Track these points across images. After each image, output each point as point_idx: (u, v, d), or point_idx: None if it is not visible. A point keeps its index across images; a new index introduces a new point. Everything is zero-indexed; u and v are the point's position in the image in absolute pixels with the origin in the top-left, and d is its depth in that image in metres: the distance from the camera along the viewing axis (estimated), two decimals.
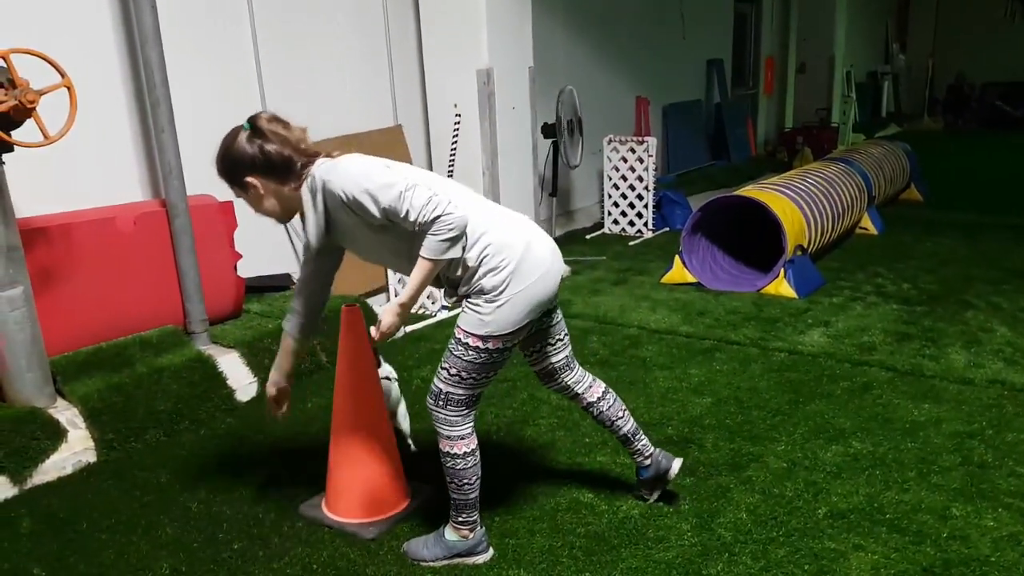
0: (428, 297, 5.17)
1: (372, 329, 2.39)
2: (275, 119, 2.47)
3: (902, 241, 6.56)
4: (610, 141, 7.22)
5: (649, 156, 7.05)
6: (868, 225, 6.84)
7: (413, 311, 5.17)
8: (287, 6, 4.83)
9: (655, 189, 7.27)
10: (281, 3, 4.79)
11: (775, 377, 3.92)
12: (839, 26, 12.26)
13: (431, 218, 2.16)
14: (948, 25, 17.19)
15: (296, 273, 4.96)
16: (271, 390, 2.73)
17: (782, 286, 5.16)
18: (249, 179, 2.44)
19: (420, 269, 2.25)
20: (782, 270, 5.17)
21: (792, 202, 5.43)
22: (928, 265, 5.82)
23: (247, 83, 4.66)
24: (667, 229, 7.39)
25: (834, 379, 3.87)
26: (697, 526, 2.68)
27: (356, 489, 2.75)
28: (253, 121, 2.45)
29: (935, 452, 3.12)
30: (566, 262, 6.20)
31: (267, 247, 4.83)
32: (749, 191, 5.56)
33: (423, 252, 2.21)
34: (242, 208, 4.23)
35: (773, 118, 12.27)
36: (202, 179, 4.22)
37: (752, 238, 5.79)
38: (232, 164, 2.46)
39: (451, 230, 2.17)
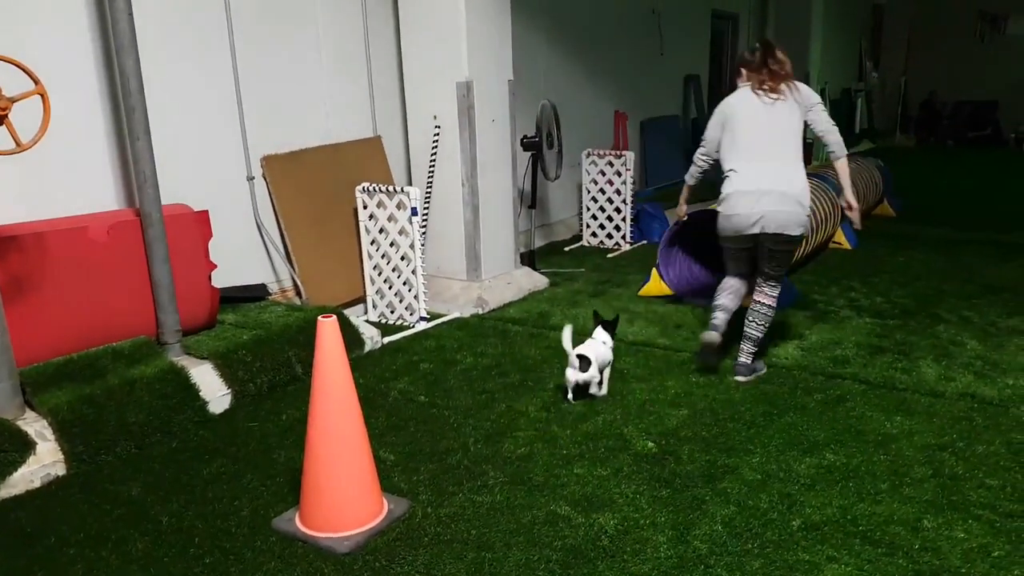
0: (407, 308, 5.16)
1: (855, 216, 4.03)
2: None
3: (875, 255, 6.66)
4: (589, 155, 7.27)
5: (627, 170, 7.11)
6: (842, 240, 6.93)
7: (393, 323, 5.16)
8: (265, 16, 4.83)
9: (633, 202, 7.33)
10: (259, 13, 4.78)
11: (750, 389, 3.95)
12: (814, 44, 12.46)
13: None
14: (920, 45, 17.54)
15: (270, 283, 4.93)
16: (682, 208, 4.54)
17: None
18: None
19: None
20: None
21: None
22: (900, 279, 5.91)
23: (224, 92, 4.64)
24: (645, 242, 7.45)
25: (808, 392, 3.91)
26: (673, 538, 2.69)
27: (331, 502, 2.72)
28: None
29: (907, 464, 3.15)
30: (544, 273, 6.23)
31: (243, 257, 4.80)
32: None
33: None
34: (217, 218, 4.23)
35: None
36: (177, 188, 4.20)
37: None
38: None
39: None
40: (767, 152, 3.90)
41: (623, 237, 7.34)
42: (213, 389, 3.80)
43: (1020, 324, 4.79)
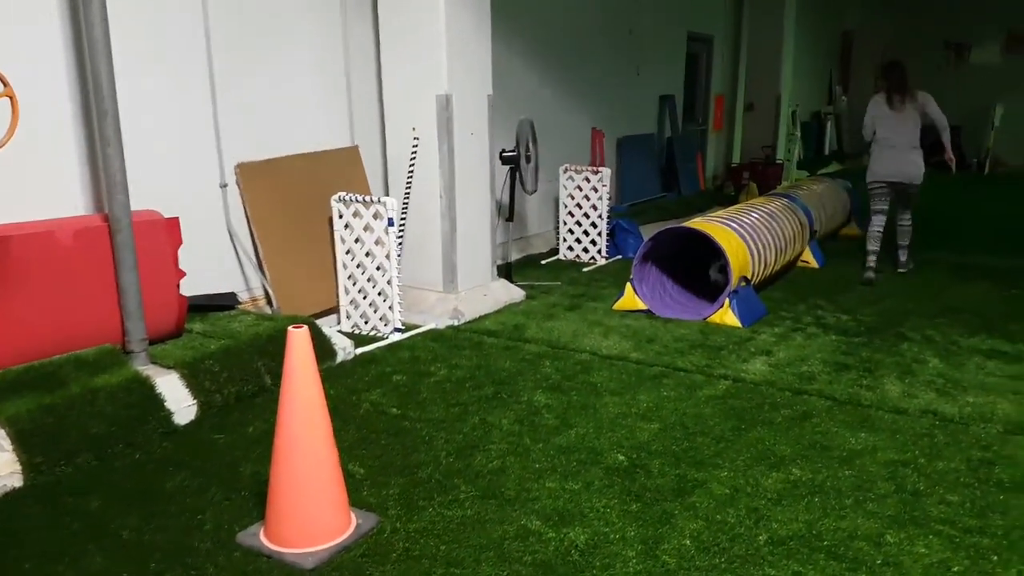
0: (381, 319, 5.13)
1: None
2: None
3: (842, 274, 6.77)
4: (566, 170, 7.34)
5: (603, 186, 7.18)
6: (809, 258, 7.05)
7: (366, 334, 5.14)
8: (244, 22, 4.81)
9: (609, 218, 7.39)
10: (238, 19, 4.76)
11: (719, 404, 3.99)
12: (785, 68, 12.71)
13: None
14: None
15: (240, 292, 4.89)
16: None
17: (727, 315, 5.27)
18: None
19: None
20: (727, 300, 5.29)
21: (737, 235, 5.57)
22: (866, 298, 6.01)
23: (200, 98, 4.61)
24: (620, 257, 7.51)
25: (775, 407, 3.95)
26: (642, 553, 2.69)
27: (297, 517, 2.68)
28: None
29: (871, 479, 3.20)
30: (520, 286, 6.25)
31: (213, 265, 4.75)
32: (697, 223, 5.69)
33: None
34: (188, 225, 4.18)
35: (722, 153, 12.59)
36: (148, 194, 4.16)
37: (700, 268, 5.91)
38: None
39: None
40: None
41: (599, 252, 7.40)
42: (179, 399, 3.74)
43: (980, 343, 4.90)
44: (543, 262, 7.42)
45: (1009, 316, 5.49)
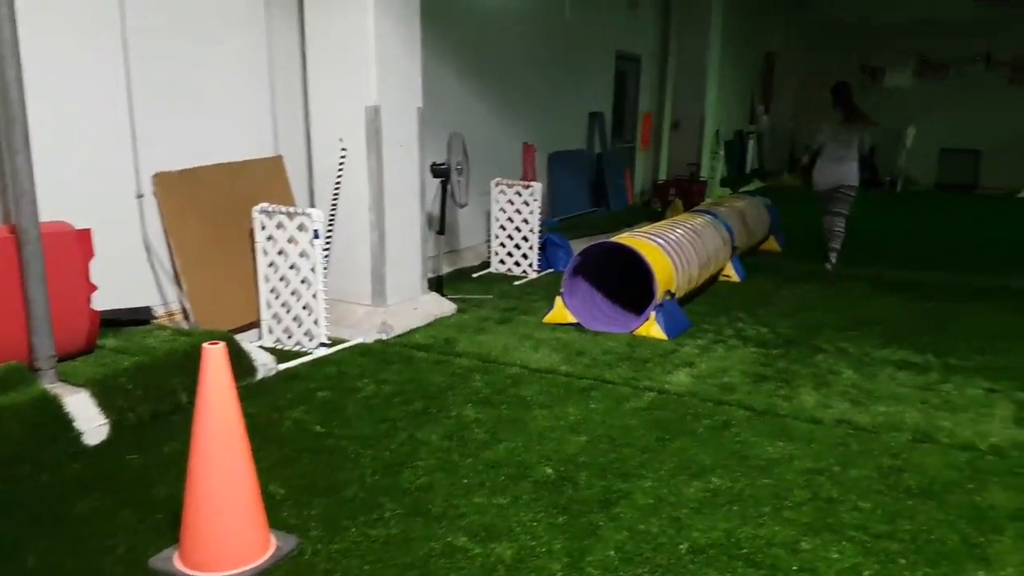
0: (306, 334, 5.03)
1: None
2: None
3: (762, 288, 7.00)
4: (497, 184, 7.37)
5: (535, 200, 7.24)
6: (731, 273, 7.26)
7: (290, 349, 5.03)
8: (163, 28, 4.67)
9: (540, 232, 7.46)
10: (157, 24, 4.63)
11: (644, 415, 4.06)
12: (710, 88, 13.11)
13: None
14: (808, 90, 18.73)
15: (156, 306, 4.73)
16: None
17: (653, 328, 5.38)
18: None
19: None
20: (653, 313, 5.40)
21: (663, 250, 5.70)
22: (784, 311, 6.23)
23: (115, 105, 4.45)
24: (551, 270, 7.57)
25: (697, 417, 4.05)
26: (568, 565, 2.71)
27: (212, 540, 2.60)
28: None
29: (787, 488, 3.30)
30: (451, 299, 6.23)
31: (128, 278, 4.58)
32: (625, 238, 5.79)
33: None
34: (101, 236, 4.02)
35: (649, 170, 12.88)
36: (59, 205, 3.98)
37: (628, 282, 6.01)
38: None
39: None
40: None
41: (530, 265, 7.45)
42: (89, 419, 3.58)
43: (891, 355, 5.12)
44: (475, 275, 7.43)
45: (919, 328, 5.77)
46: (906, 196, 15.78)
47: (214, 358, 2.55)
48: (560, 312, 5.69)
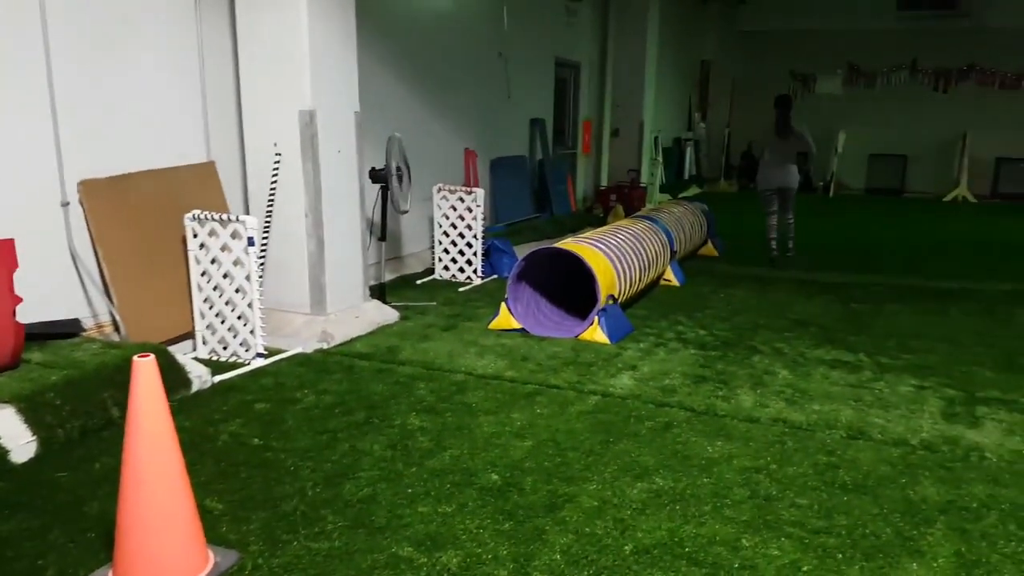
0: (242, 344, 4.91)
1: None
2: None
3: (700, 292, 7.14)
4: (440, 189, 7.34)
5: (477, 206, 7.23)
6: (671, 277, 7.39)
7: (224, 360, 4.90)
8: (88, 28, 4.51)
9: (484, 238, 7.45)
10: (81, 25, 4.46)
11: (589, 419, 4.08)
12: (648, 95, 13.34)
13: None
14: (742, 99, 19.25)
15: (85, 318, 4.56)
16: None
17: (596, 333, 5.42)
18: None
19: None
20: (596, 318, 5.44)
21: (605, 255, 5.76)
22: (722, 314, 6.36)
23: (37, 110, 4.28)
24: (495, 276, 7.57)
25: (640, 419, 4.09)
26: (514, 571, 2.70)
27: (146, 558, 2.50)
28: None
29: (727, 486, 3.37)
30: (394, 307, 6.15)
31: (54, 290, 4.40)
32: (567, 244, 5.84)
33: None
34: (24, 247, 3.85)
35: (591, 176, 13.03)
36: None
37: (571, 287, 6.06)
38: None
39: None
40: None
41: (474, 271, 7.43)
42: (15, 436, 3.42)
43: (824, 355, 5.28)
44: (418, 282, 7.37)
45: (850, 328, 5.96)
46: (837, 200, 16.34)
47: (144, 371, 2.47)
48: (505, 318, 5.70)
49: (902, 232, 11.68)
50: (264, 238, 5.35)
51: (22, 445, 3.44)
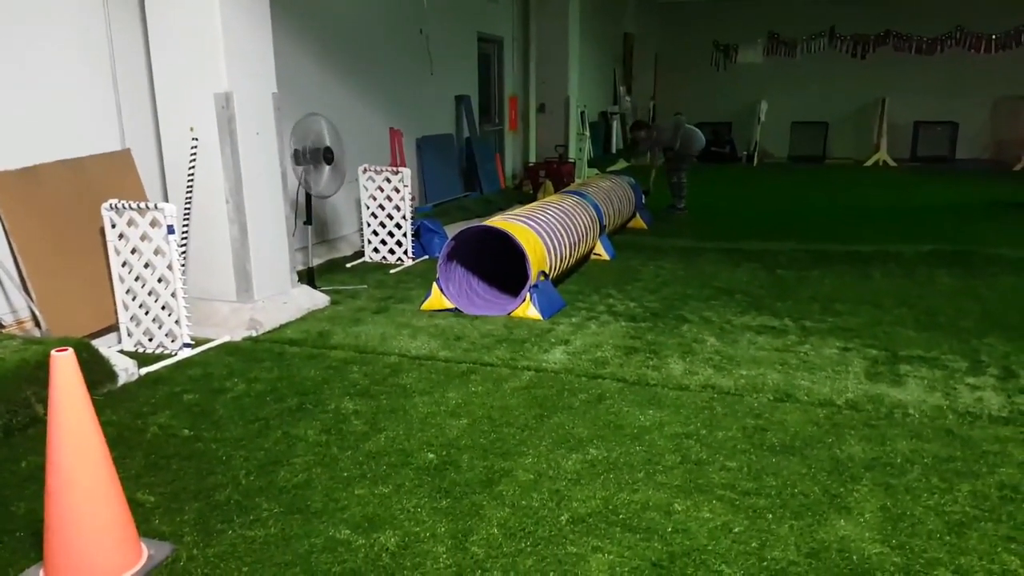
0: (167, 335, 4.78)
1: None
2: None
3: (630, 265, 7.26)
4: (365, 170, 7.23)
5: (405, 186, 7.16)
6: (601, 252, 7.49)
7: (150, 352, 4.76)
8: None
9: (413, 218, 7.38)
10: None
11: (523, 394, 4.13)
12: (572, 70, 13.39)
13: None
14: (667, 71, 19.53)
15: (3, 315, 4.37)
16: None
17: (528, 309, 5.47)
18: None
19: None
20: (528, 295, 5.49)
21: (535, 232, 5.79)
22: (651, 286, 6.49)
23: None
24: (427, 257, 7.54)
25: (573, 392, 4.16)
26: (452, 547, 2.73)
27: (76, 555, 2.45)
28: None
29: (659, 453, 3.46)
30: (324, 291, 6.05)
31: None
32: (497, 221, 5.85)
33: None
34: None
35: (519, 153, 13.04)
36: None
37: (503, 265, 6.09)
38: None
39: None
40: None
41: (405, 253, 7.37)
42: None
43: (750, 321, 5.45)
44: (348, 265, 7.28)
45: (775, 295, 6.16)
46: (761, 169, 16.78)
47: (63, 365, 2.39)
48: (437, 299, 5.69)
49: (825, 198, 12.08)
50: (185, 226, 5.19)
51: None
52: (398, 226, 7.32)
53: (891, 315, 5.58)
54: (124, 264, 4.74)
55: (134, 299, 4.78)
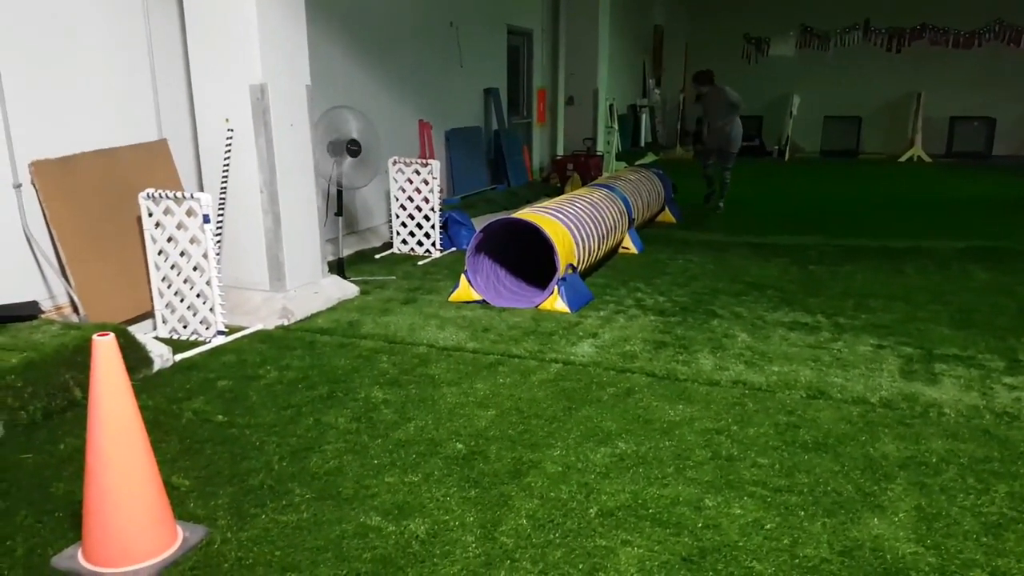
0: (201, 322, 4.85)
1: None
2: None
3: (658, 259, 7.23)
4: (395, 163, 7.27)
5: (434, 178, 7.19)
6: (629, 245, 7.46)
7: (187, 339, 4.84)
8: (32, 8, 4.34)
9: (441, 210, 7.41)
10: (23, 7, 4.29)
11: (551, 387, 4.14)
12: (601, 62, 13.32)
13: None
14: (696, 64, 19.31)
15: (43, 300, 4.46)
16: None
17: (556, 302, 5.47)
18: None
19: None
20: (556, 287, 5.49)
21: (564, 225, 5.79)
22: (680, 280, 6.46)
23: None
24: (454, 249, 7.56)
25: (602, 386, 4.16)
26: (481, 536, 2.75)
27: (116, 536, 2.51)
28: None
29: (689, 448, 3.45)
30: (354, 282, 6.10)
31: (10, 273, 4.30)
32: (526, 214, 5.85)
33: None
34: None
35: (547, 146, 13.01)
36: None
37: (531, 257, 6.09)
38: None
39: None
40: None
41: (433, 244, 7.40)
42: None
43: (782, 317, 5.40)
44: (377, 256, 7.33)
45: (807, 291, 6.09)
46: (793, 164, 16.57)
47: (104, 350, 2.44)
48: (465, 290, 5.71)
49: (858, 193, 11.92)
50: (220, 215, 5.26)
51: None
52: (427, 218, 7.35)
53: (925, 312, 5.50)
54: (160, 252, 4.82)
55: (169, 287, 4.86)
